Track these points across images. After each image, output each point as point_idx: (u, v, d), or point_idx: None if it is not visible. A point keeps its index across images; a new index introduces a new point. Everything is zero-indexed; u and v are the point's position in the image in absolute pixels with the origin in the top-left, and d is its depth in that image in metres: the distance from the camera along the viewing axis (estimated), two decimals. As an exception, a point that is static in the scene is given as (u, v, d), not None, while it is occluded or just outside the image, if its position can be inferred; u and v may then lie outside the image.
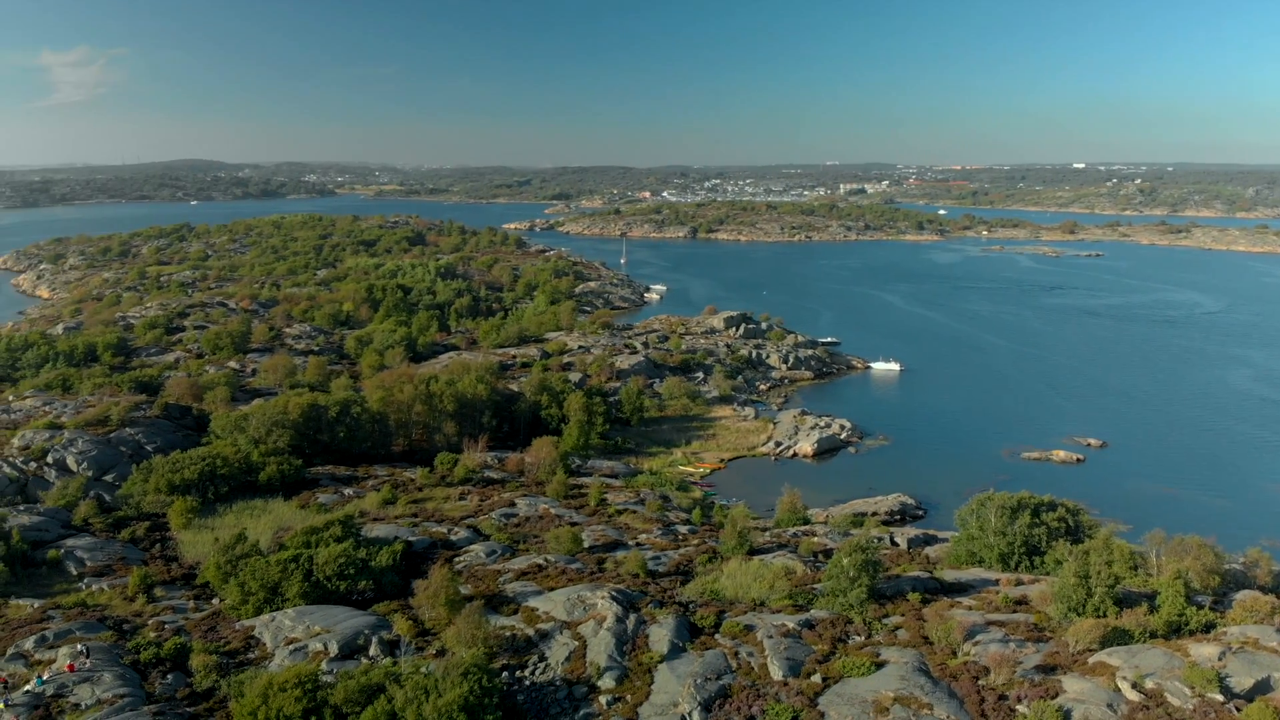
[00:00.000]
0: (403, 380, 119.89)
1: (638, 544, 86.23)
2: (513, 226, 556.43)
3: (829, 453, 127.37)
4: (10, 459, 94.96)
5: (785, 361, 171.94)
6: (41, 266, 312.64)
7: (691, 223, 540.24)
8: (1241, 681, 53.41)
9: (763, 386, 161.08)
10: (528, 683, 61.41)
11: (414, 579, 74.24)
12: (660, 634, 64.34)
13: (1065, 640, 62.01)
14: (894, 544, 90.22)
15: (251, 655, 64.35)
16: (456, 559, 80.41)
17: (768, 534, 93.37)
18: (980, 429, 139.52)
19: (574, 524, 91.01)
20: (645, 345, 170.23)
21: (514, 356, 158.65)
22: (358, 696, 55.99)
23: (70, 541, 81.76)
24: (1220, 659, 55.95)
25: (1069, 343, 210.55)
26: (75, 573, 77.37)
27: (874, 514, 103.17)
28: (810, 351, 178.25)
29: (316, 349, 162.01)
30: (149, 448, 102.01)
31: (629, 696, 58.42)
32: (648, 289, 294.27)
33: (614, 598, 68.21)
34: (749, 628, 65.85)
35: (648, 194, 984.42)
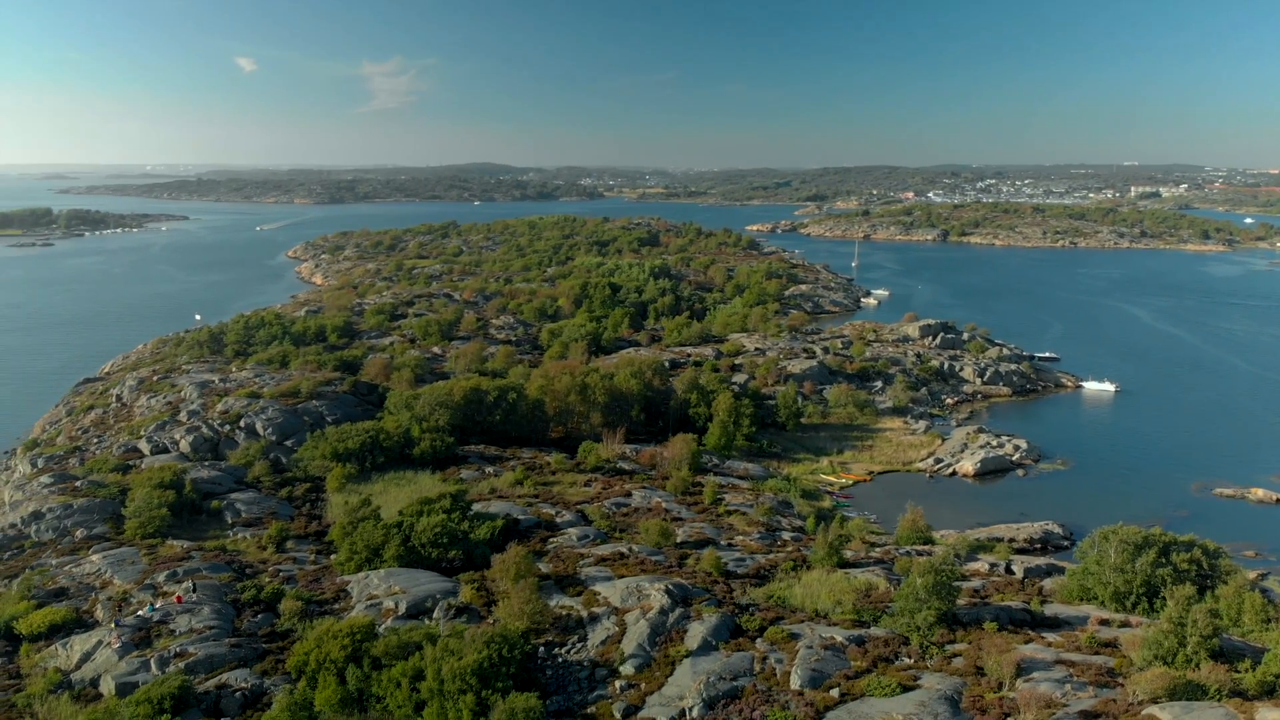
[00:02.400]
0: (563, 371, 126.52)
1: (729, 544, 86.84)
2: (755, 228, 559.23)
3: (993, 474, 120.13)
4: (210, 421, 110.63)
5: (981, 375, 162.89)
6: (321, 256, 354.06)
7: (944, 225, 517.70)
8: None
9: (949, 400, 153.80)
10: (561, 660, 64.60)
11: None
12: (698, 630, 65.32)
13: (1129, 689, 56.89)
14: (1009, 572, 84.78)
15: (336, 606, 72.08)
16: (551, 539, 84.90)
17: (877, 549, 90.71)
18: (1178, 458, 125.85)
19: (678, 519, 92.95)
20: (825, 350, 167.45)
21: (689, 355, 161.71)
22: (396, 651, 61.64)
23: (235, 495, 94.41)
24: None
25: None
26: (230, 521, 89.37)
27: (1011, 540, 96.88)
28: (1013, 366, 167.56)
29: (514, 339, 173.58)
30: (329, 419, 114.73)
31: (644, 685, 60.07)
32: (868, 293, 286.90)
33: (668, 591, 69.73)
34: (794, 636, 65.32)
35: (910, 194, 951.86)
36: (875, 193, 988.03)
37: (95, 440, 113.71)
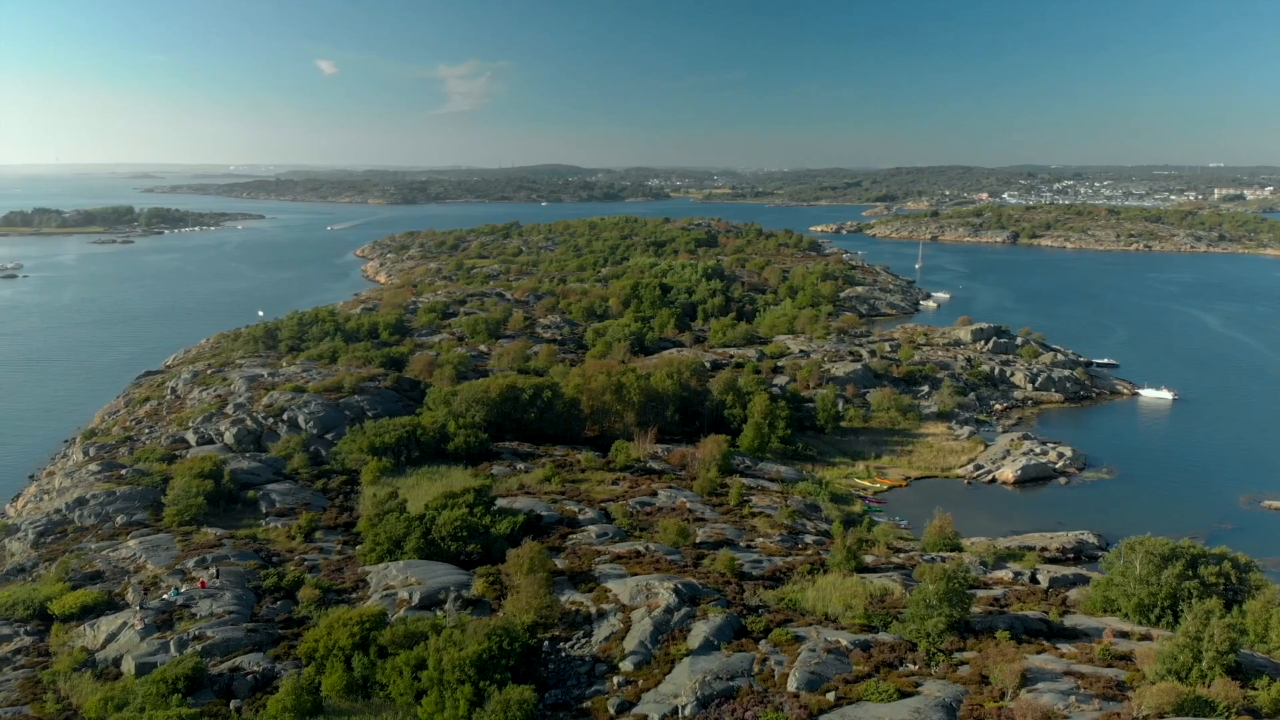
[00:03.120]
0: (600, 370, 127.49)
1: (749, 546, 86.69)
2: (819, 229, 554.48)
3: (1035, 481, 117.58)
4: (254, 414, 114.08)
5: (1032, 381, 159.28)
6: (387, 255, 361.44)
7: (1014, 227, 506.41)
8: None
9: (997, 406, 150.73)
10: (564, 654, 65.40)
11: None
12: (701, 630, 65.54)
13: (1134, 704, 55.56)
14: (1033, 581, 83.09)
15: (354, 595, 74.01)
16: (570, 536, 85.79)
17: (901, 555, 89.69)
18: (1230, 469, 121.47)
19: (700, 520, 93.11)
20: (872, 353, 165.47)
21: (732, 356, 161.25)
22: (402, 640, 63.13)
23: (271, 486, 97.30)
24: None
25: None
26: (264, 511, 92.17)
27: (1042, 549, 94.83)
28: (1067, 372, 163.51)
29: (559, 339, 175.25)
30: (370, 413, 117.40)
31: (641, 681, 60.52)
32: (928, 296, 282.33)
33: (676, 590, 70.07)
34: (799, 638, 65.15)
35: (984, 195, 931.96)
36: (948, 194, 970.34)
37: (147, 431, 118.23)
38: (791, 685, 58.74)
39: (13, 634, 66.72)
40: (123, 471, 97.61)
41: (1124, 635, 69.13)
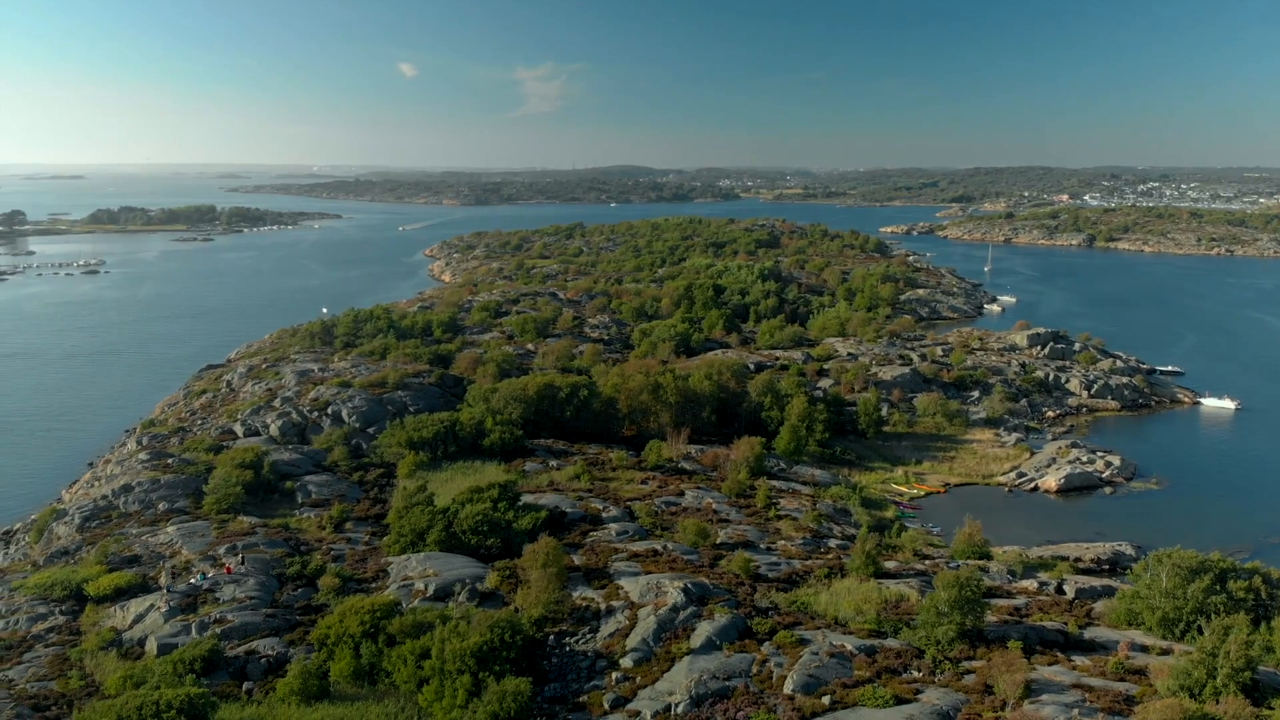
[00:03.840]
0: (638, 370, 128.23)
1: (769, 548, 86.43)
2: (889, 230, 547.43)
3: (1079, 490, 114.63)
4: (300, 408, 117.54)
5: (1088, 388, 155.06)
6: (453, 255, 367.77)
7: (1090, 230, 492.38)
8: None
9: (1050, 413, 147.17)
10: (569, 649, 66.26)
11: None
12: (705, 629, 65.73)
13: (1138, 719, 54.26)
14: (1059, 592, 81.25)
15: (373, 585, 75.92)
16: (591, 533, 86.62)
17: (927, 561, 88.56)
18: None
19: (724, 520, 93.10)
20: (923, 357, 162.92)
21: (777, 358, 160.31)
22: (410, 629, 64.67)
23: (310, 477, 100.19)
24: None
25: None
26: (300, 501, 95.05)
27: (1076, 560, 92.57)
28: (1125, 379, 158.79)
29: (606, 338, 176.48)
30: (412, 408, 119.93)
31: (639, 678, 61.02)
32: (993, 299, 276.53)
33: (685, 589, 70.37)
34: (803, 641, 64.90)
35: (1065, 197, 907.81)
36: (1026, 195, 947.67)
37: (199, 422, 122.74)
38: (788, 687, 58.60)
39: (49, 613, 70.13)
40: (169, 460, 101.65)
41: (1143, 649, 67.28)
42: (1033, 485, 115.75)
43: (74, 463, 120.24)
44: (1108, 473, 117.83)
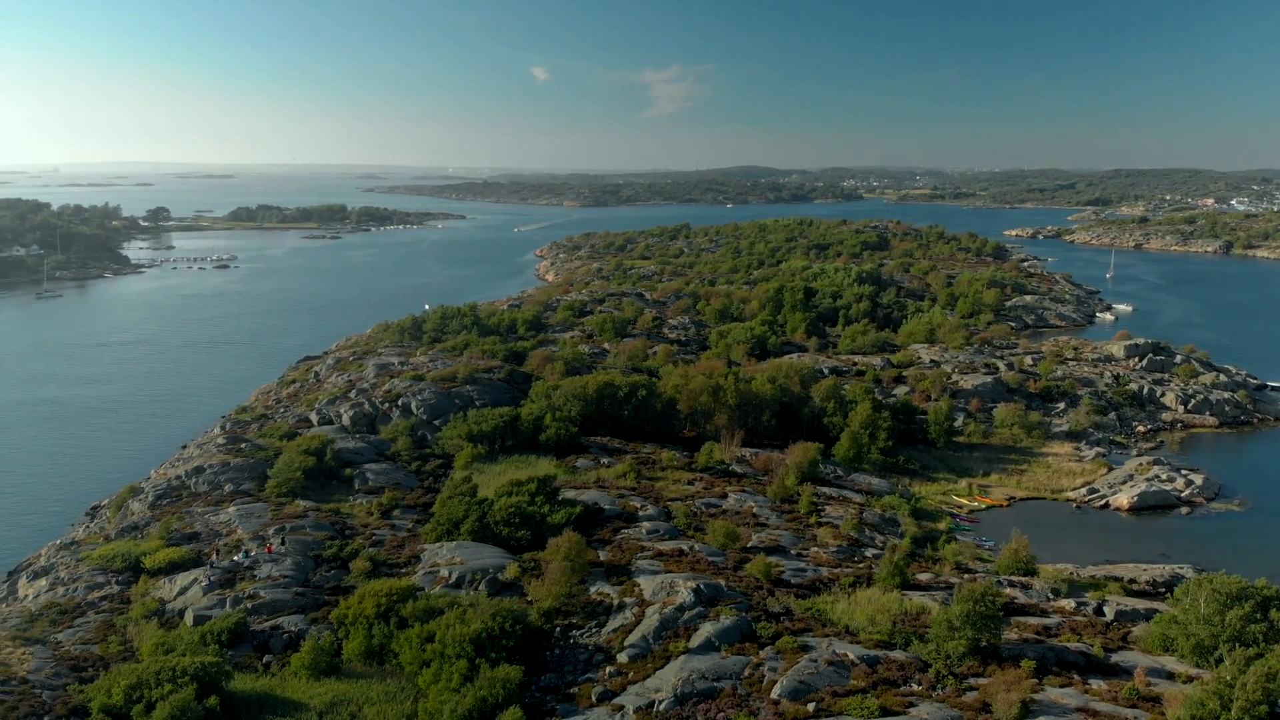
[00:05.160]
0: (701, 372, 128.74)
1: (799, 554, 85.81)
2: (1013, 233, 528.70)
3: (1154, 509, 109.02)
4: (374, 399, 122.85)
5: (1184, 403, 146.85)
6: (560, 256, 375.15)
7: (1228, 236, 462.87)
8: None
9: (1140, 428, 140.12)
10: (573, 641, 67.81)
11: (586, 536, 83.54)
12: (707, 630, 66.18)
13: (1135, 748, 52.31)
14: (1098, 613, 77.96)
15: (403, 570, 79.18)
16: (623, 530, 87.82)
17: (967, 575, 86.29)
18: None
19: (762, 524, 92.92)
20: (1009, 366, 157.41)
21: (855, 363, 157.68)
22: (421, 614, 67.46)
23: (370, 465, 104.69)
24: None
25: None
26: (357, 488, 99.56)
27: (1130, 581, 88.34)
28: (1226, 395, 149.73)
29: (683, 339, 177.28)
30: (478, 403, 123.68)
31: (631, 674, 62.03)
32: (1108, 308, 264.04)
33: (696, 589, 70.94)
34: (806, 647, 64.70)
35: (1210, 201, 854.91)
36: (1168, 198, 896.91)
37: (282, 410, 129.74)
38: (775, 692, 58.54)
39: (105, 582, 76.02)
40: (242, 445, 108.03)
41: (1169, 676, 64.26)
42: (1103, 502, 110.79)
43: (170, 445, 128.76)
44: (1187, 492, 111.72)
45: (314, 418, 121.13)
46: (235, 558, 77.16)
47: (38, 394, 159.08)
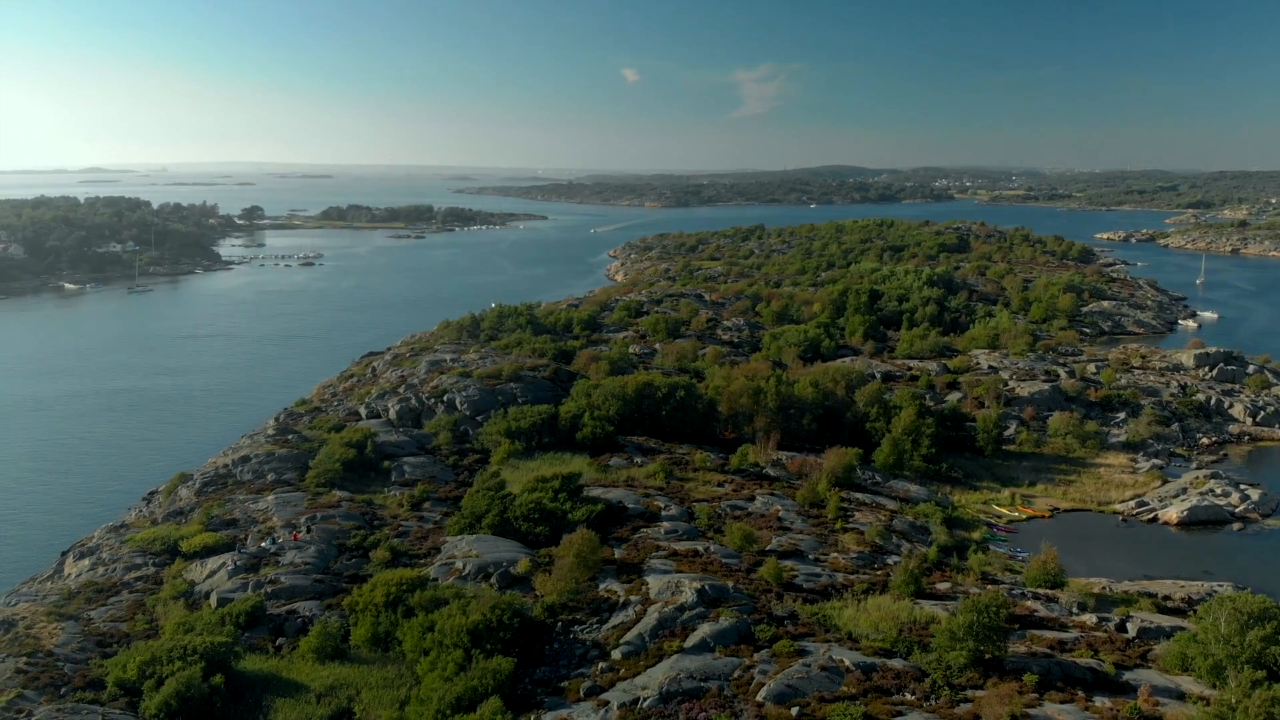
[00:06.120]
0: (743, 374, 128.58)
1: (817, 559, 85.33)
2: (1104, 236, 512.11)
3: (1204, 524, 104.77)
4: (421, 394, 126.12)
5: (1253, 415, 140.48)
6: (631, 256, 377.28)
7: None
8: None
9: (1204, 440, 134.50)
10: (573, 637, 68.93)
11: (605, 534, 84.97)
12: (704, 630, 66.55)
13: (1121, 768, 51.16)
14: (1121, 630, 75.68)
15: (422, 561, 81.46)
16: (643, 529, 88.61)
17: (990, 586, 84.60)
18: None
19: (785, 528, 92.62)
20: (1070, 374, 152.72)
21: (909, 368, 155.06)
22: (427, 603, 69.46)
23: (408, 459, 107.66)
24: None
25: None
26: (393, 480, 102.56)
27: (1165, 598, 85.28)
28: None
29: (736, 341, 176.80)
30: (520, 400, 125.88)
31: (623, 670, 62.78)
32: (1191, 315, 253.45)
33: (700, 590, 71.34)
34: (803, 652, 64.63)
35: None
36: (1274, 201, 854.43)
37: (337, 403, 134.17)
38: (761, 695, 58.65)
39: (143, 564, 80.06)
40: (289, 436, 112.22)
41: (1180, 697, 62.17)
42: (1152, 516, 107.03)
43: (231, 435, 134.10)
44: (1241, 507, 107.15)
45: (363, 411, 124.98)
46: (263, 544, 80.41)
47: (116, 383, 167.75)
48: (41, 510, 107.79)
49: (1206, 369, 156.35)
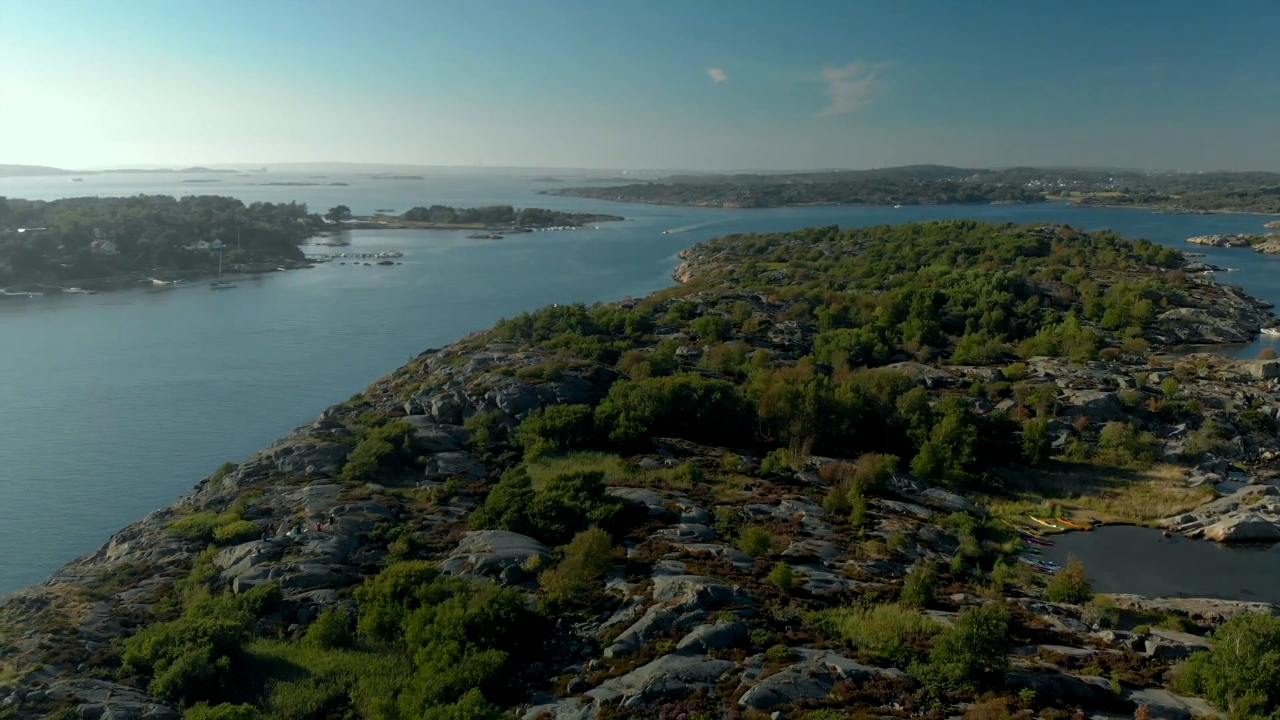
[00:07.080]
0: (783, 377, 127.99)
1: (832, 566, 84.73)
2: (1196, 240, 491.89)
3: (1254, 542, 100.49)
4: (464, 391, 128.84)
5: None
6: (699, 257, 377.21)
7: None
8: None
9: (1267, 454, 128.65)
10: (571, 634, 70.09)
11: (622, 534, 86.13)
12: (700, 632, 66.95)
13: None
14: (1139, 648, 73.45)
15: (438, 554, 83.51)
16: (659, 530, 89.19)
17: (1010, 598, 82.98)
18: None
19: (805, 534, 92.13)
20: (1130, 383, 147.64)
21: (963, 374, 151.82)
22: (432, 595, 71.50)
23: (443, 454, 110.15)
24: None
25: None
26: (426, 474, 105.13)
27: (1196, 617, 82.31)
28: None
29: (787, 344, 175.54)
30: (559, 399, 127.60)
31: (612, 668, 63.66)
32: (1277, 324, 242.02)
33: (701, 592, 71.75)
34: (795, 657, 64.60)
35: None
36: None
37: (386, 399, 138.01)
38: (744, 698, 58.86)
39: (178, 549, 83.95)
40: (333, 430, 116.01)
41: (1186, 719, 60.26)
42: (1198, 531, 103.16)
43: (286, 427, 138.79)
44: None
45: (407, 407, 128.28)
46: (288, 533, 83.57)
47: (187, 376, 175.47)
48: (100, 496, 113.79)
49: (1276, 380, 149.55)
